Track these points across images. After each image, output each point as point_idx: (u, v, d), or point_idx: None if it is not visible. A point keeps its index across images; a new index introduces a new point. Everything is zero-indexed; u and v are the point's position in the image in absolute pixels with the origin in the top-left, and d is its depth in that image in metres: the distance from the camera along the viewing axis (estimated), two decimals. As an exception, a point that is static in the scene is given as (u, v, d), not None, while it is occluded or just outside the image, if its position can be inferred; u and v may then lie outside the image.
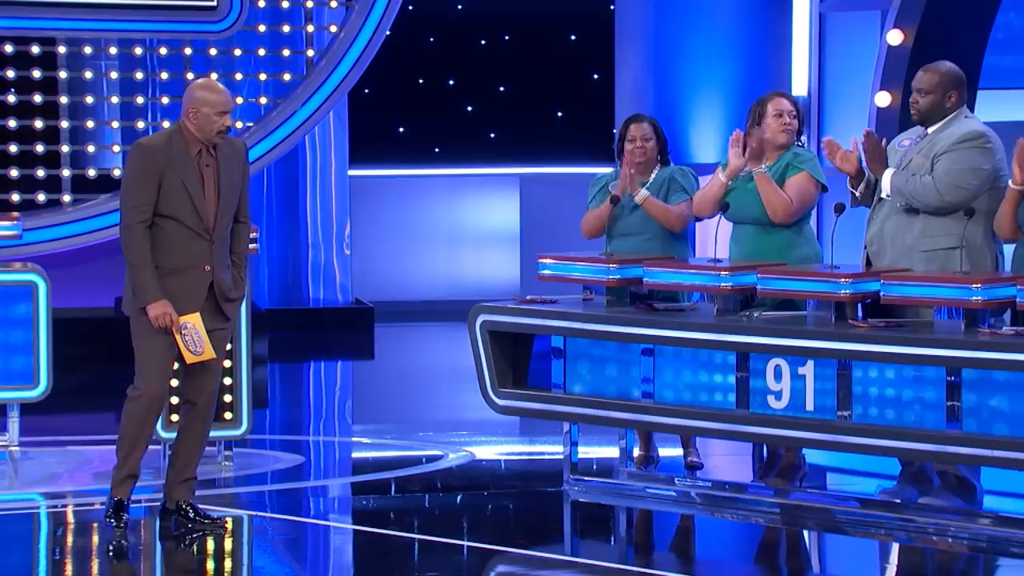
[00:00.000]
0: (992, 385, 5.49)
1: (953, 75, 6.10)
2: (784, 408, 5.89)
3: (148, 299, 5.65)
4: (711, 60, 11.51)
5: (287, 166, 11.31)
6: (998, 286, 5.61)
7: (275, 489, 6.80)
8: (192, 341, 5.66)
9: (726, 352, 6.00)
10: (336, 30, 10.53)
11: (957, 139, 6.02)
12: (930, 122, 6.10)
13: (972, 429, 5.54)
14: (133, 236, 5.65)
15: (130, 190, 5.67)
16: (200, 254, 5.68)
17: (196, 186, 5.66)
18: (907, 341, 5.63)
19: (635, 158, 6.63)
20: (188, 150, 5.68)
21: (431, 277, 11.95)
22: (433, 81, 12.47)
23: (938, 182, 5.98)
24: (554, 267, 6.57)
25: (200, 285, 5.70)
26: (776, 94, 6.47)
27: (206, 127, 5.68)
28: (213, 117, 5.67)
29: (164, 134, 5.73)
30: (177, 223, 5.65)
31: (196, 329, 5.65)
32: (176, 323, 5.65)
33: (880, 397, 5.72)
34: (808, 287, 5.93)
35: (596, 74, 12.43)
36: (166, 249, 5.67)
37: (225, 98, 5.71)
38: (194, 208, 5.65)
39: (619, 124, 6.83)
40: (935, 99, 6.07)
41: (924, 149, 6.07)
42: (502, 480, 7.09)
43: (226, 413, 7.00)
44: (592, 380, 6.35)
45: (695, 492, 6.34)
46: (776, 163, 6.42)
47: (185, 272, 5.68)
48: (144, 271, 5.64)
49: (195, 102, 5.70)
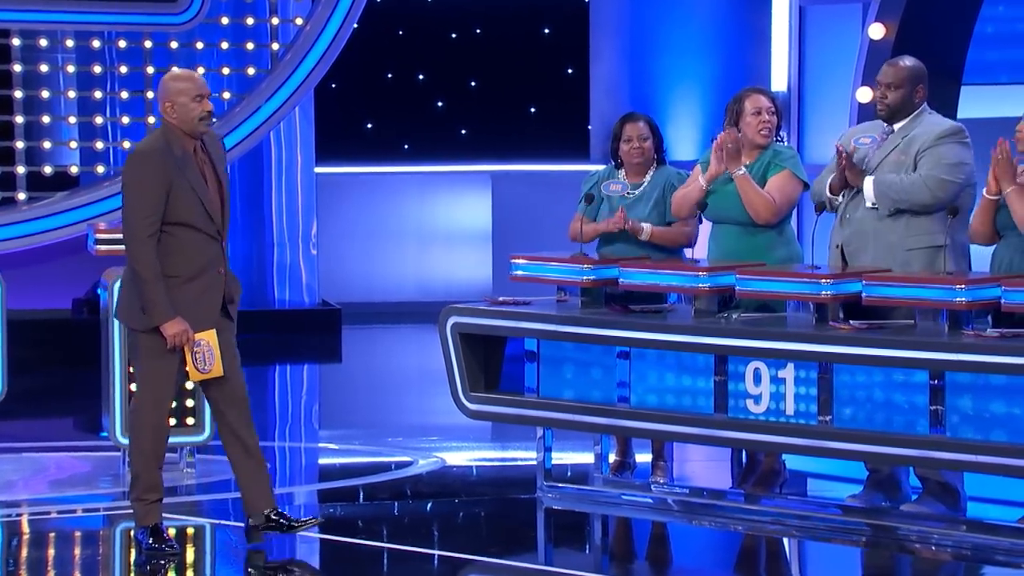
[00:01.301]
0: (976, 389, 5.52)
1: (919, 69, 6.13)
2: (763, 412, 5.91)
3: (163, 317, 5.49)
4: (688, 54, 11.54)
5: (251, 163, 11.29)
6: (982, 287, 5.64)
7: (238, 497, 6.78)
8: (203, 359, 5.54)
9: (704, 355, 6.02)
10: (302, 23, 10.52)
11: (938, 134, 6.05)
12: (897, 118, 6.11)
13: (956, 434, 5.57)
14: (145, 249, 5.47)
15: (138, 201, 5.47)
16: (214, 257, 5.55)
17: (203, 186, 5.53)
18: (890, 343, 5.65)
19: (633, 159, 6.62)
20: (184, 149, 5.54)
21: (400, 278, 11.95)
22: (402, 75, 12.46)
23: (927, 179, 5.99)
24: (527, 267, 6.58)
25: (217, 289, 5.56)
26: (753, 90, 6.47)
27: (187, 118, 5.53)
28: (191, 105, 5.52)
29: (158, 137, 5.56)
30: (190, 229, 5.50)
31: (210, 347, 5.54)
32: (191, 341, 5.52)
33: (862, 401, 5.75)
34: (788, 288, 5.95)
35: (570, 68, 12.44)
36: (181, 257, 5.50)
37: (198, 82, 5.57)
38: (205, 210, 5.52)
39: (594, 120, 6.85)
40: (904, 94, 6.08)
41: (901, 146, 6.08)
42: (474, 487, 7.09)
43: (188, 418, 6.98)
44: (566, 384, 6.35)
45: (672, 499, 6.35)
46: (756, 162, 6.43)
47: (201, 278, 5.54)
48: (157, 287, 5.47)
49: (169, 95, 5.57)
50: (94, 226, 7.35)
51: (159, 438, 5.62)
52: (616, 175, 6.70)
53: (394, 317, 11.64)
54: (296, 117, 11.27)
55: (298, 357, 10.74)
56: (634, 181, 6.65)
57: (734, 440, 6.05)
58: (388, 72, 12.49)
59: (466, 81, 12.56)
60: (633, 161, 6.62)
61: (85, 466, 7.26)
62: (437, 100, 12.52)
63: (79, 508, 6.56)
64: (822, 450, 5.83)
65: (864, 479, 6.22)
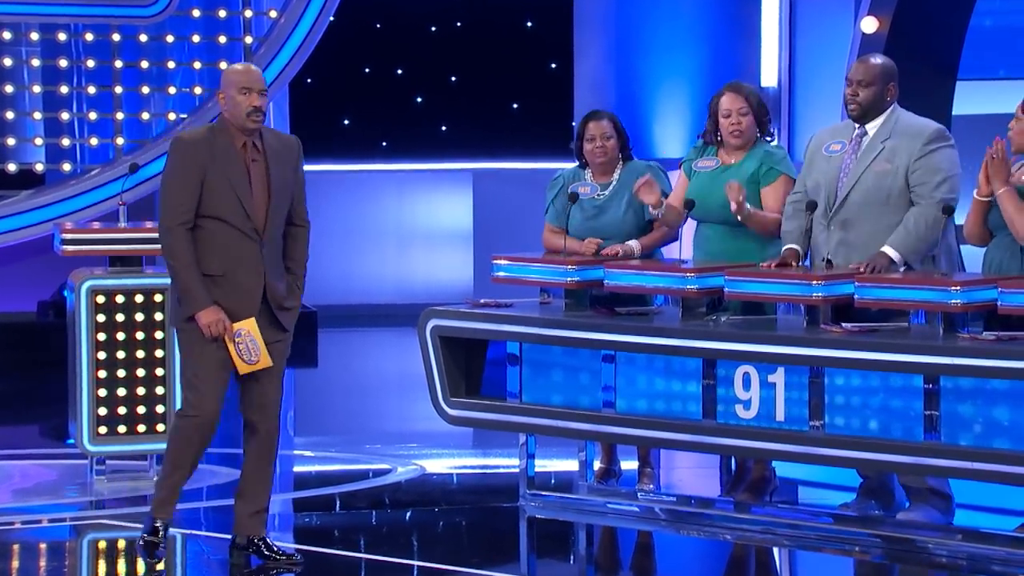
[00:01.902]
0: (972, 393, 5.55)
1: (891, 67, 6.12)
2: (753, 418, 5.93)
3: (197, 306, 5.43)
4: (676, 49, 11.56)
5: (224, 160, 11.27)
6: (978, 289, 5.67)
7: (211, 506, 6.77)
8: (247, 349, 5.46)
9: (692, 359, 6.03)
10: (276, 15, 10.52)
11: (925, 140, 6.05)
12: (868, 117, 6.10)
13: (951, 440, 5.59)
14: (174, 238, 5.43)
15: (169, 189, 5.46)
16: (250, 257, 5.47)
17: (243, 182, 5.47)
18: (883, 347, 5.68)
19: (596, 158, 6.64)
20: (232, 143, 5.50)
21: (378, 279, 11.95)
22: (380, 70, 12.47)
23: (937, 205, 5.89)
24: (509, 268, 6.59)
25: (253, 291, 5.48)
26: (728, 88, 6.47)
27: (235, 111, 5.48)
28: (237, 97, 5.47)
29: (206, 127, 5.57)
30: (223, 224, 5.45)
31: (251, 336, 5.45)
32: (230, 330, 5.44)
33: (855, 406, 5.77)
34: (779, 290, 5.97)
35: (554, 63, 12.46)
36: (213, 253, 5.45)
37: (249, 76, 5.49)
38: (241, 207, 5.45)
39: (578, 116, 6.86)
40: (876, 91, 6.07)
41: (884, 154, 6.07)
42: (454, 495, 7.10)
43: (158, 425, 6.99)
44: (550, 389, 6.37)
45: (659, 508, 6.37)
46: (745, 161, 6.45)
47: (235, 277, 5.46)
48: (189, 275, 5.42)
49: (223, 86, 5.52)
50: (60, 226, 7.35)
51: (192, 447, 5.53)
52: (582, 176, 6.70)
53: (372, 320, 11.64)
54: (270, 113, 11.26)
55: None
56: (602, 181, 6.66)
57: (723, 447, 6.06)
58: (365, 67, 12.49)
59: (446, 76, 12.57)
60: (597, 160, 6.63)
61: (51, 474, 7.25)
62: (416, 96, 12.52)
63: (44, 518, 6.55)
64: (813, 457, 5.85)
65: (857, 487, 6.24)
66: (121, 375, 7.00)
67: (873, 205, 6.04)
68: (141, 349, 7.03)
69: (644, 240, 6.58)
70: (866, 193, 6.05)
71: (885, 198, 6.03)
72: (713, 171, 6.46)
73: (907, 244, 5.97)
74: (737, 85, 6.49)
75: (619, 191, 6.62)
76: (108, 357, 6.98)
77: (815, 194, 6.17)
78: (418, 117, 12.44)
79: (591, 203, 6.65)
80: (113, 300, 7.02)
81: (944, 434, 5.60)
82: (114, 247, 7.14)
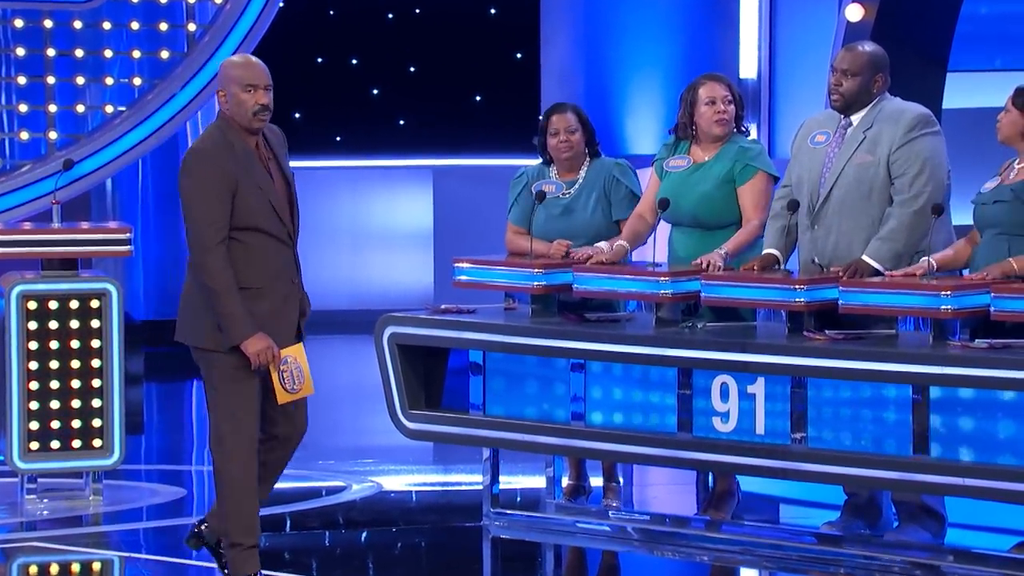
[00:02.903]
0: (963, 405, 5.57)
1: (880, 56, 6.12)
2: (731, 431, 5.95)
3: (244, 333, 5.31)
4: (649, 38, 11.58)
5: (166, 157, 11.24)
6: (969, 294, 5.69)
7: (152, 527, 6.75)
8: (291, 377, 5.38)
9: (666, 368, 6.04)
10: (221, 1, 10.48)
11: (908, 127, 6.06)
12: (853, 109, 6.11)
13: (942, 455, 5.62)
14: (213, 259, 5.29)
15: (201, 207, 5.31)
16: (287, 264, 5.42)
17: (267, 183, 5.39)
18: (869, 355, 5.70)
19: (561, 153, 6.64)
20: (246, 145, 5.41)
21: (332, 283, 11.92)
22: (333, 60, 12.45)
23: (915, 200, 5.94)
24: (472, 272, 6.59)
25: (292, 301, 5.42)
26: (709, 77, 6.49)
27: (239, 110, 5.38)
28: (242, 95, 5.37)
29: (214, 134, 5.40)
30: (261, 234, 5.35)
31: (297, 363, 5.38)
32: (277, 357, 5.35)
33: (839, 419, 5.79)
34: (758, 295, 5.99)
35: (519, 53, 12.46)
36: (252, 266, 5.34)
37: (253, 70, 5.41)
38: (275, 212, 5.38)
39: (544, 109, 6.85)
40: (861, 82, 6.08)
41: (865, 145, 6.08)
42: (413, 515, 7.09)
43: (95, 440, 6.96)
44: (515, 400, 6.37)
45: (632, 527, 6.38)
46: (719, 156, 6.45)
47: (275, 288, 5.38)
48: (231, 299, 5.29)
49: (222, 82, 5.42)
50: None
51: (249, 472, 5.42)
52: (547, 173, 6.70)
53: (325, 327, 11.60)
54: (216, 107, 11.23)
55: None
56: (568, 178, 6.66)
57: (699, 462, 6.07)
58: (318, 56, 12.47)
59: (404, 67, 12.56)
60: (562, 156, 6.63)
61: (-21, 494, 7.22)
62: (372, 87, 12.51)
63: (-28, 541, 6.51)
64: (796, 472, 5.86)
65: (842, 504, 6.26)
66: (55, 387, 6.97)
67: (856, 201, 6.04)
68: (77, 359, 7.00)
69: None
70: (848, 188, 6.06)
71: (868, 192, 6.04)
72: (685, 171, 6.46)
73: (888, 250, 5.96)
74: (718, 75, 6.51)
75: (586, 189, 6.62)
76: (41, 367, 6.95)
77: (799, 190, 6.18)
78: (374, 110, 12.42)
79: (556, 202, 6.65)
80: (46, 306, 6.98)
81: (934, 448, 5.62)
82: (47, 249, 7.11)
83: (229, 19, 10.38)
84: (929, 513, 6.03)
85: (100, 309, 6.99)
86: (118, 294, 7.04)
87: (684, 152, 6.48)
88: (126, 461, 7.11)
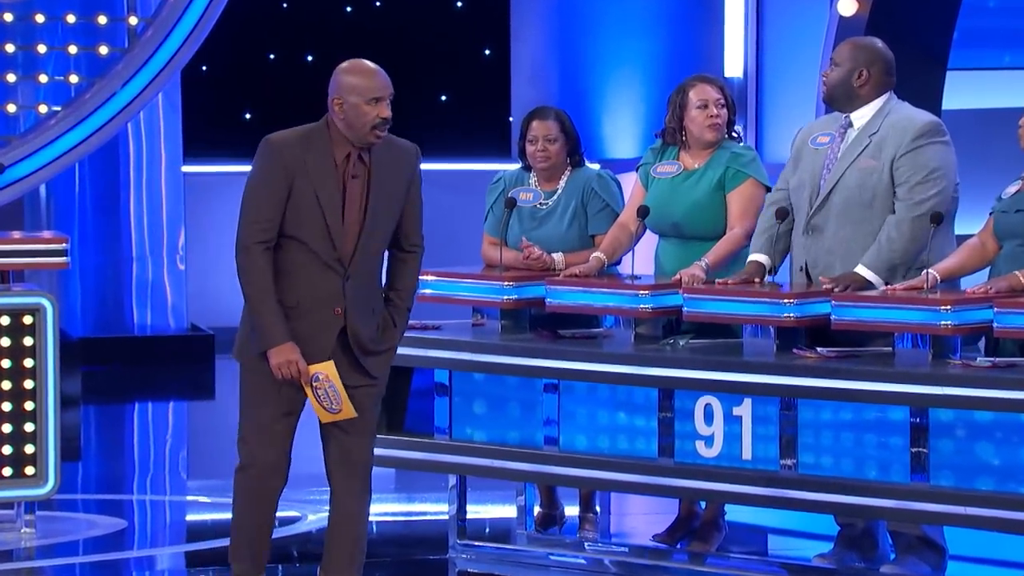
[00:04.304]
0: (965, 428, 5.60)
1: (873, 51, 6.17)
2: (716, 456, 5.97)
3: (272, 341, 5.24)
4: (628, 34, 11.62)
5: (105, 161, 11.23)
6: (971, 308, 5.73)
7: (89, 561, 6.74)
8: (327, 396, 5.30)
9: (646, 388, 6.07)
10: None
11: (915, 134, 6.10)
12: (839, 104, 6.17)
13: (941, 482, 5.65)
14: (251, 259, 5.24)
15: (250, 200, 5.28)
16: (330, 292, 5.28)
17: (333, 201, 5.26)
18: (863, 375, 5.73)
19: (537, 163, 6.66)
20: (331, 153, 5.31)
21: (285, 298, 11.91)
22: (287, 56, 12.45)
23: (917, 207, 5.95)
24: (437, 285, 6.60)
25: (327, 332, 5.29)
26: (700, 79, 6.51)
27: (357, 123, 5.29)
28: (363, 107, 5.28)
29: (303, 130, 5.35)
30: (303, 247, 5.27)
31: (330, 380, 5.29)
32: (305, 374, 5.27)
33: (831, 443, 5.81)
34: (745, 310, 6.02)
35: (488, 49, 12.49)
36: (287, 280, 5.27)
37: (378, 81, 5.33)
38: (327, 231, 5.26)
39: (516, 110, 6.88)
40: (842, 73, 6.13)
41: (869, 150, 6.12)
42: (374, 546, 7.07)
43: (27, 467, 6.94)
44: (484, 423, 6.38)
45: (609, 559, 6.39)
46: (710, 163, 6.48)
47: (308, 313, 5.28)
48: (265, 304, 5.23)
49: (339, 90, 5.33)
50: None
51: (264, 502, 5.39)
52: (526, 179, 6.72)
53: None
54: (159, 106, 11.23)
55: (162, 392, 10.68)
56: (547, 188, 6.68)
57: (681, 489, 6.10)
58: (270, 52, 12.47)
59: (364, 63, 12.56)
60: (538, 166, 6.64)
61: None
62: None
63: None
64: (785, 501, 5.89)
65: (835, 536, 6.29)
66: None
67: (856, 207, 6.08)
68: (8, 380, 6.99)
69: (572, 258, 6.51)
70: (849, 194, 6.10)
71: (869, 199, 6.08)
72: (674, 178, 6.47)
73: (885, 261, 6.00)
74: (709, 77, 6.54)
75: (564, 201, 6.63)
76: (-31, 388, 6.94)
77: (798, 194, 6.22)
78: (331, 111, 12.42)
79: (532, 212, 6.66)
80: (-25, 322, 6.98)
81: (933, 475, 5.65)
82: (-24, 260, 7.09)
83: (174, 11, 10.37)
84: (928, 545, 6.07)
85: (34, 326, 6.98)
86: (53, 310, 7.03)
87: (673, 158, 6.49)
88: (61, 490, 7.10)
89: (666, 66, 11.37)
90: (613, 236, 6.48)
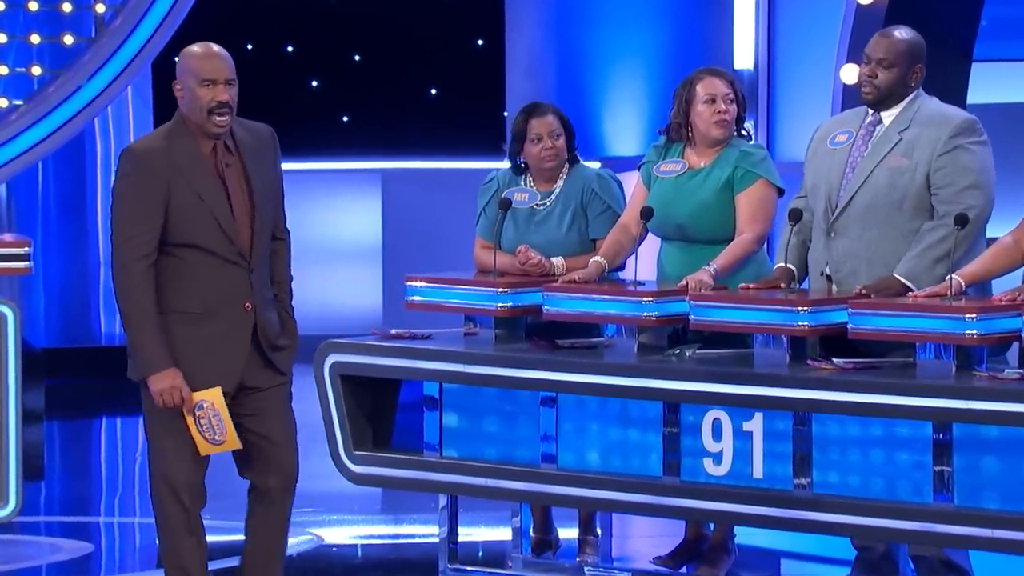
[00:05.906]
0: (991, 445, 5.61)
1: (918, 44, 6.15)
2: (725, 475, 5.98)
3: (151, 367, 5.28)
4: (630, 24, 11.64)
5: (71, 159, 11.25)
6: (998, 316, 5.74)
7: None
8: (209, 426, 5.35)
9: (650, 402, 6.08)
10: (136, -22, 10.50)
11: (952, 132, 6.08)
12: (886, 104, 6.14)
13: (966, 502, 5.66)
14: (131, 279, 5.25)
15: (122, 216, 5.27)
16: (237, 288, 5.34)
17: (216, 195, 5.32)
18: (883, 388, 5.74)
19: (545, 163, 6.65)
20: (197, 147, 5.36)
21: (263, 305, 11.92)
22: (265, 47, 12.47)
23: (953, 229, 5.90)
24: (427, 292, 6.62)
25: (242, 331, 5.35)
26: (708, 72, 6.51)
27: (194, 108, 5.33)
28: (198, 91, 5.33)
29: (162, 131, 5.37)
30: (200, 252, 5.30)
31: (215, 409, 5.32)
32: (188, 402, 5.31)
33: (848, 461, 5.83)
34: (755, 318, 6.03)
35: (481, 40, 12.52)
36: (191, 287, 5.31)
37: (213, 63, 5.36)
38: (220, 229, 5.31)
39: (511, 105, 6.89)
40: (898, 74, 6.11)
41: (900, 148, 6.11)
42: (359, 571, 7.10)
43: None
44: (476, 439, 6.39)
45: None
46: (718, 161, 6.48)
47: (219, 315, 5.33)
48: (144, 327, 5.26)
49: (179, 74, 5.37)
50: None
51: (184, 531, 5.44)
52: (520, 180, 6.73)
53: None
54: (129, 100, 11.24)
55: (131, 407, 10.65)
56: (544, 189, 6.69)
57: (688, 510, 6.11)
58: (247, 42, 12.49)
59: (348, 55, 12.59)
60: (545, 165, 6.65)
61: None
62: (311, 79, 12.53)
63: None
64: (799, 523, 5.90)
65: (852, 560, 6.31)
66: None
67: (884, 208, 6.08)
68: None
69: (572, 262, 6.53)
70: (876, 193, 6.09)
71: (900, 200, 6.08)
72: (679, 177, 6.49)
73: (925, 269, 5.98)
74: (718, 70, 6.54)
75: (562, 202, 6.65)
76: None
77: (814, 195, 6.22)
78: (313, 105, 12.45)
79: (529, 214, 6.67)
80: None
81: (958, 495, 5.66)
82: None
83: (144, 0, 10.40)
84: (953, 569, 6.08)
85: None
86: (15, 318, 7.04)
87: (677, 156, 6.50)
88: (23, 512, 7.10)
89: (671, 58, 11.40)
90: (614, 239, 6.49)
